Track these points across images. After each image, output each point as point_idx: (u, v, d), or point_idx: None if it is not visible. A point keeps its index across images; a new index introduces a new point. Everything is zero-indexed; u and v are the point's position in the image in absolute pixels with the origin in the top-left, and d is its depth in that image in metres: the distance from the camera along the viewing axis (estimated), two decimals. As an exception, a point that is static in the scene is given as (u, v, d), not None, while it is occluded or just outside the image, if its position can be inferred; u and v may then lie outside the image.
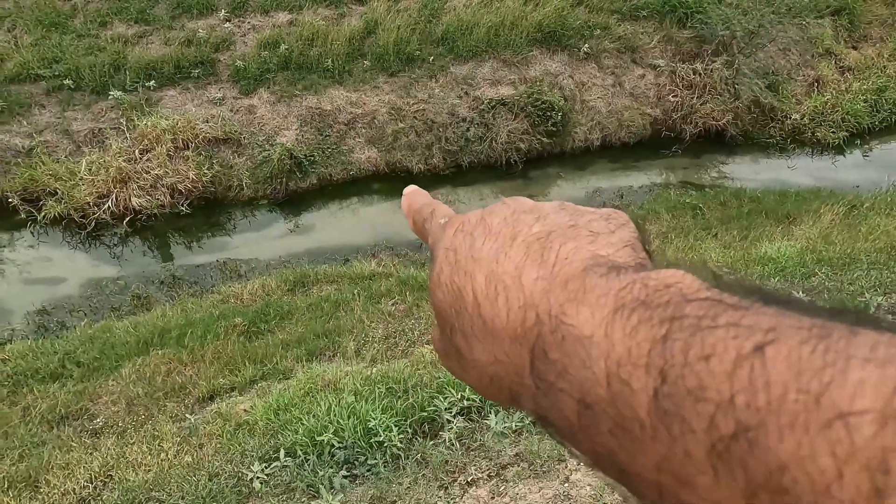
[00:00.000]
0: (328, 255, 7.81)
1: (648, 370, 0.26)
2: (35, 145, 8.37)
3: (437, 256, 0.39)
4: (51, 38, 9.21)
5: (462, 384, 2.96)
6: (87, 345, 5.91)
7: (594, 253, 0.33)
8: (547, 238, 0.34)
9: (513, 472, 2.18)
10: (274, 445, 2.98)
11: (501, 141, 9.47)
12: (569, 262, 0.33)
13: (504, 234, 0.36)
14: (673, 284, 0.28)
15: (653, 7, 10.89)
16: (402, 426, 2.68)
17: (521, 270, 0.34)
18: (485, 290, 0.34)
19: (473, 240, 0.37)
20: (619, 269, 0.31)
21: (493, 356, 0.34)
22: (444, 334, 0.38)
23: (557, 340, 0.30)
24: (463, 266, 0.36)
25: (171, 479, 2.99)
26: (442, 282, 0.37)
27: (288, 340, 5.72)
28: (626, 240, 0.35)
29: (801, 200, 8.11)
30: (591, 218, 0.36)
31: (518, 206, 0.39)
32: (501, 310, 0.33)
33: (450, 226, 0.41)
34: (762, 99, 10.33)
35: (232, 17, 10.00)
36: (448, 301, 0.36)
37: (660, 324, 0.26)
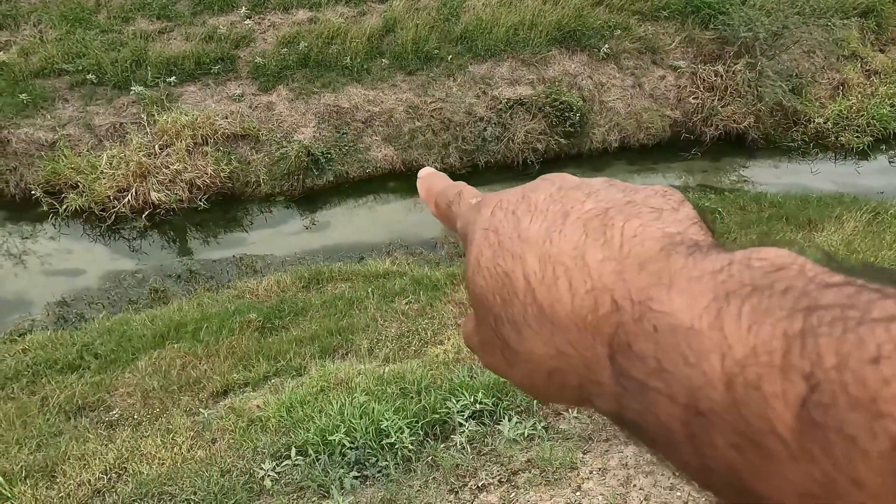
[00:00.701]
0: (343, 253, 7.83)
1: (786, 374, 0.22)
2: (58, 139, 8.50)
3: (472, 240, 0.36)
4: (75, 34, 9.34)
5: (475, 386, 2.95)
6: (105, 337, 6.00)
7: (664, 231, 0.29)
8: (605, 215, 0.31)
9: (524, 479, 2.17)
10: (286, 443, 2.99)
11: (518, 141, 9.43)
12: (639, 241, 0.29)
13: (553, 212, 0.33)
14: (786, 266, 0.24)
15: (674, 8, 10.75)
16: (413, 428, 2.68)
17: (583, 250, 0.30)
18: (539, 274, 0.31)
19: (517, 219, 0.34)
20: (700, 248, 0.28)
21: (555, 348, 0.30)
22: (486, 325, 0.34)
23: (646, 331, 0.26)
24: (508, 248, 0.33)
25: (183, 473, 3.02)
26: (483, 266, 0.34)
27: (301, 337, 5.75)
28: (691, 216, 0.31)
29: (822, 206, 7.97)
30: (647, 194, 0.33)
31: (563, 181, 0.36)
32: (564, 295, 0.30)
33: (485, 205, 0.37)
34: (785, 102, 10.16)
35: (252, 14, 10.07)
36: (492, 287, 0.33)
37: (789, 315, 0.22)
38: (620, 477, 2.06)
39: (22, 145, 8.48)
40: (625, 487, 1.99)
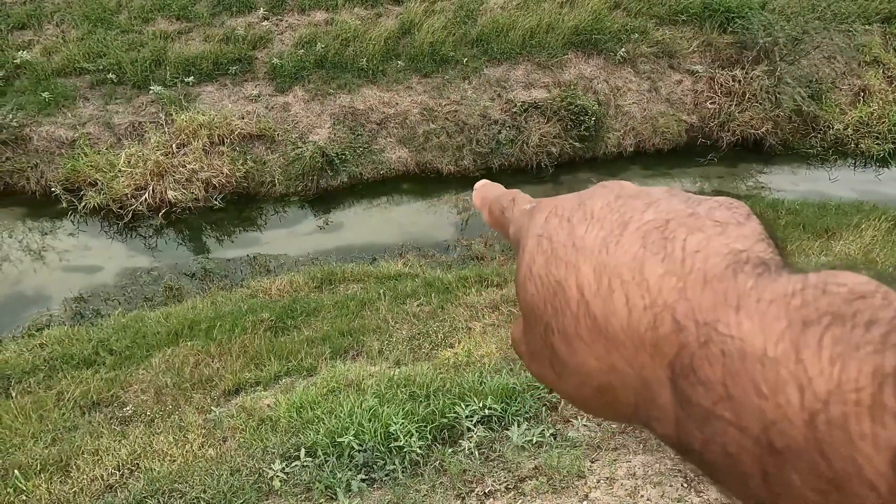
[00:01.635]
0: (356, 254, 7.86)
1: (877, 415, 0.20)
2: (78, 137, 8.62)
3: (525, 245, 0.35)
4: (96, 33, 9.48)
5: (484, 392, 2.95)
6: (120, 333, 6.07)
7: (730, 247, 0.28)
8: (666, 227, 0.29)
9: (531, 486, 2.16)
10: (295, 444, 3.01)
11: (533, 144, 9.41)
12: (702, 257, 0.27)
13: (611, 221, 0.31)
14: (868, 294, 0.22)
15: (693, 12, 10.67)
16: (422, 432, 2.68)
17: (642, 263, 0.29)
18: (594, 285, 0.30)
19: (573, 226, 0.32)
20: (769, 268, 0.26)
21: (608, 363, 0.29)
22: (535, 334, 0.33)
23: (713, 355, 0.25)
24: (562, 256, 0.32)
25: (194, 471, 3.05)
26: (535, 273, 0.33)
27: (313, 337, 5.78)
28: (758, 232, 0.29)
29: (841, 214, 7.86)
30: (711, 206, 0.31)
31: (621, 189, 0.34)
32: (620, 309, 0.28)
33: (539, 211, 0.36)
34: (804, 108, 10.05)
35: (270, 16, 10.15)
36: (543, 295, 0.32)
37: (879, 350, 0.21)
38: (628, 487, 2.05)
39: (43, 143, 8.62)
40: (632, 498, 1.97)
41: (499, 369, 3.47)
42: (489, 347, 4.55)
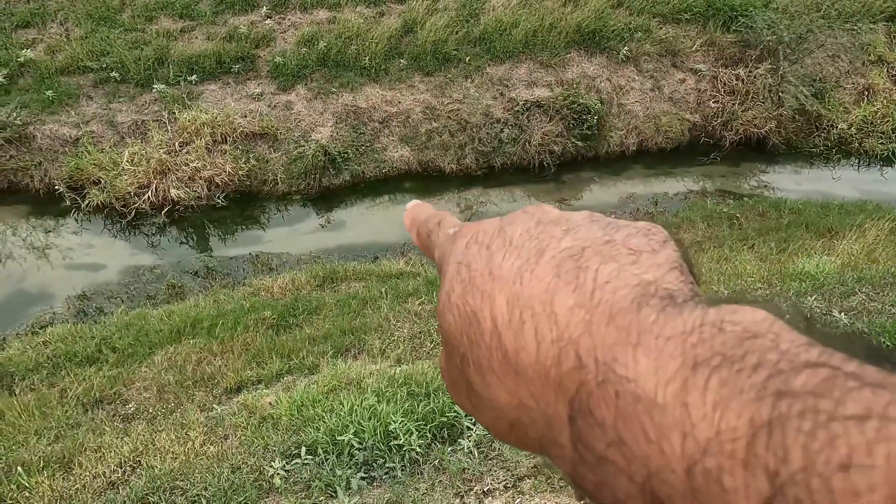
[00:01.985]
0: (358, 253, 7.88)
1: (750, 469, 0.19)
2: (82, 135, 8.65)
3: (446, 272, 0.34)
4: (99, 32, 9.50)
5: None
6: (123, 331, 6.10)
7: (640, 278, 0.27)
8: (581, 255, 0.29)
9: (529, 485, 2.17)
10: (296, 442, 3.02)
11: (535, 143, 9.40)
12: (612, 289, 0.27)
13: (528, 249, 0.30)
14: (760, 334, 0.22)
15: (696, 10, 10.65)
16: (422, 430, 2.69)
17: (553, 294, 0.28)
18: (507, 316, 0.29)
19: (491, 254, 0.31)
20: (675, 300, 0.25)
21: (517, 398, 0.28)
22: (453, 364, 0.32)
23: (608, 396, 0.24)
24: (479, 285, 0.30)
25: (195, 469, 3.06)
26: (452, 302, 0.31)
27: (315, 336, 5.79)
28: (671, 260, 0.28)
29: (844, 214, 7.84)
30: (629, 232, 0.30)
31: (542, 215, 0.33)
32: (529, 343, 0.27)
33: (461, 236, 0.35)
34: (808, 107, 10.02)
35: (273, 14, 10.17)
36: (459, 326, 0.31)
37: (758, 398, 0.20)
38: (627, 486, 2.04)
39: (46, 141, 8.65)
40: (630, 497, 1.98)
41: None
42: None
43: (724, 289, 4.64)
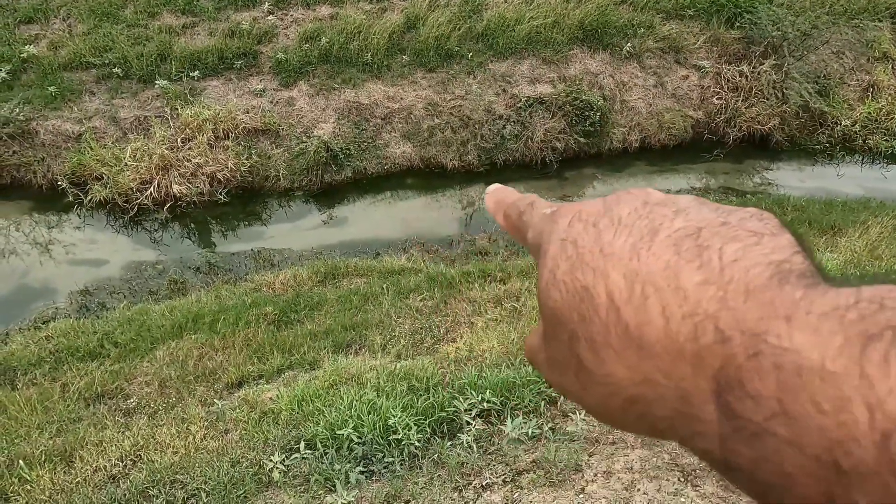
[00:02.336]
0: (359, 248, 7.88)
1: None
2: (84, 131, 8.66)
3: (547, 251, 0.33)
4: (102, 28, 9.51)
5: (483, 385, 2.96)
6: (125, 326, 6.11)
7: (769, 258, 0.27)
8: (698, 235, 0.28)
9: (528, 479, 2.17)
10: (295, 436, 3.03)
11: (537, 140, 9.38)
12: (742, 267, 0.26)
13: (640, 227, 0.30)
14: None
15: (700, 6, 10.61)
16: (421, 425, 2.69)
17: (677, 271, 0.27)
18: (626, 292, 0.28)
19: (599, 231, 0.31)
20: (815, 279, 0.25)
21: (641, 374, 0.28)
22: (559, 342, 0.32)
23: (764, 368, 0.24)
24: (588, 261, 0.30)
25: (195, 463, 3.07)
26: (559, 279, 0.31)
27: (316, 331, 5.80)
28: (793, 243, 0.28)
29: (848, 211, 7.81)
30: (742, 216, 0.30)
31: (648, 196, 0.33)
32: (655, 318, 0.27)
33: (561, 215, 0.35)
34: (812, 104, 9.97)
35: (275, 10, 10.16)
36: (568, 302, 0.30)
37: None
38: (625, 481, 2.05)
39: (49, 137, 8.66)
40: (629, 491, 1.97)
41: (499, 364, 3.47)
42: (491, 342, 4.55)
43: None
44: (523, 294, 6.21)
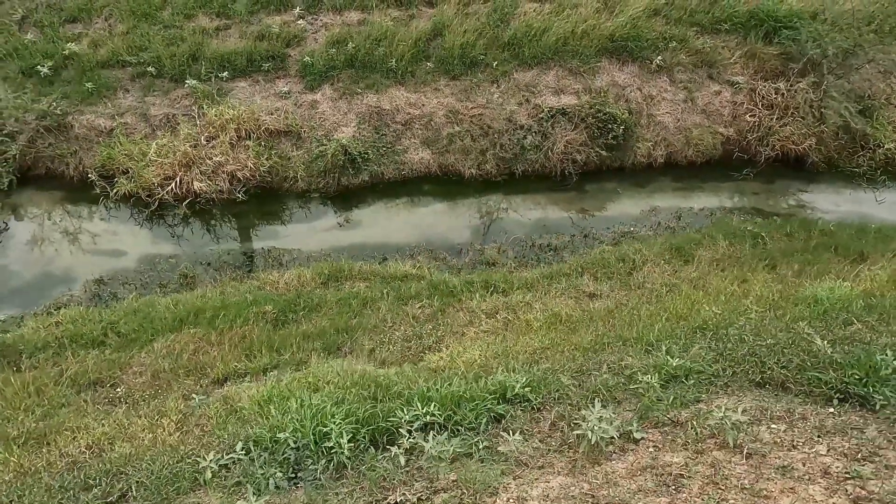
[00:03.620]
0: (368, 252, 7.89)
1: None
2: (116, 126, 8.99)
3: None
4: (140, 28, 9.87)
5: (432, 398, 2.88)
6: (130, 317, 6.27)
7: None
8: None
9: (441, 500, 2.08)
10: (245, 436, 3.02)
11: (558, 151, 9.23)
12: None
13: None
14: None
15: (737, 20, 10.26)
16: (358, 434, 2.64)
17: None
18: None
19: None
20: None
21: None
22: None
23: None
24: None
25: (148, 456, 3.09)
26: None
27: (309, 332, 5.82)
28: None
29: (881, 238, 7.38)
30: None
31: None
32: None
33: None
34: (853, 124, 9.50)
35: (306, 14, 10.34)
36: None
37: None
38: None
39: (83, 131, 9.03)
40: (540, 520, 1.88)
41: (466, 376, 3.39)
42: (473, 353, 4.46)
43: (725, 309, 4.41)
44: (522, 307, 6.09)
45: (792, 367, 2.89)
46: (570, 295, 6.46)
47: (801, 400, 2.66)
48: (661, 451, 2.33)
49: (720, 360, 3.15)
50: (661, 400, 2.71)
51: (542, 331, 4.98)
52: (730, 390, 2.86)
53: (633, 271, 6.93)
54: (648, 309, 5.11)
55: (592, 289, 6.52)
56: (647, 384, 2.82)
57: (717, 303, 4.88)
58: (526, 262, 7.72)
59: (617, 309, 5.37)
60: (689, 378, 2.97)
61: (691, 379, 2.96)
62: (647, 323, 4.45)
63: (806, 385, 2.74)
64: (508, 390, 2.95)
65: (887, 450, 2.20)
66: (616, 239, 8.11)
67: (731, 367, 3.08)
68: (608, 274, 6.87)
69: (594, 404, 2.52)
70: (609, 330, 4.51)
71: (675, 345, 3.64)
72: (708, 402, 2.73)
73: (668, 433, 2.47)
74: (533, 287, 6.70)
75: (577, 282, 6.72)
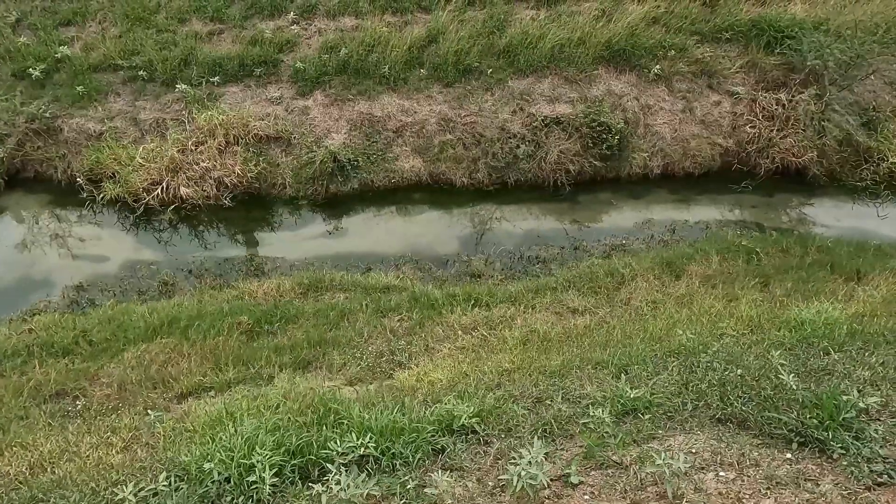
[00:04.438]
0: (353, 262, 7.75)
1: None
2: (106, 130, 8.93)
3: None
4: (134, 32, 9.82)
5: (369, 428, 2.71)
6: (104, 325, 6.16)
7: None
8: None
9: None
10: (179, 464, 2.87)
11: (551, 161, 9.05)
12: None
13: None
14: None
15: (738, 29, 10.05)
16: (285, 467, 2.49)
17: None
18: None
19: None
20: None
21: None
22: None
23: None
24: None
25: (76, 481, 2.95)
26: None
27: (282, 345, 5.68)
28: None
29: (880, 256, 7.13)
30: None
31: None
32: None
33: None
34: (856, 137, 9.25)
35: (300, 20, 10.25)
36: None
37: None
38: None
39: (72, 134, 8.98)
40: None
41: (410, 403, 3.22)
42: (439, 373, 4.29)
43: (702, 332, 4.20)
44: (502, 322, 5.91)
45: (754, 403, 2.69)
46: (553, 310, 6.28)
47: (760, 442, 2.45)
48: (597, 499, 2.15)
49: (684, 392, 2.96)
50: (612, 436, 2.52)
51: (515, 349, 4.80)
52: (688, 427, 2.67)
53: (621, 286, 6.73)
54: (627, 329, 4.91)
55: (577, 304, 6.33)
56: (598, 419, 2.64)
57: (698, 324, 4.67)
58: (513, 275, 7.54)
59: (596, 327, 5.18)
60: (646, 412, 2.78)
61: (648, 413, 2.77)
62: (623, 344, 4.26)
63: (766, 425, 2.54)
64: (455, 420, 2.78)
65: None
66: (607, 252, 7.91)
67: (694, 399, 2.88)
68: (595, 289, 6.68)
69: (533, 442, 2.35)
70: (582, 351, 4.32)
71: (644, 371, 3.45)
72: (662, 441, 2.54)
73: (611, 477, 2.28)
74: (517, 301, 6.52)
75: (562, 296, 6.53)
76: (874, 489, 2.09)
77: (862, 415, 2.52)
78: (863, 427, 2.44)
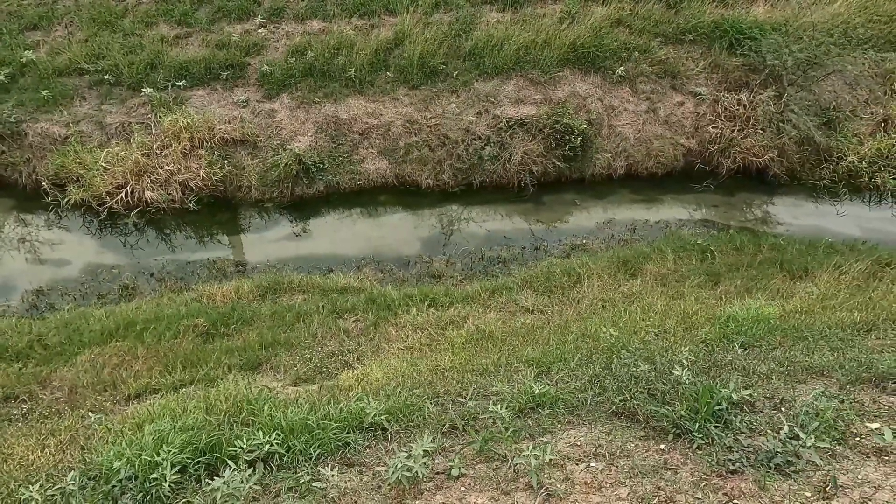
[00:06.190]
0: (315, 264, 7.82)
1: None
2: (71, 134, 8.94)
3: None
4: (100, 36, 9.84)
5: (276, 426, 2.79)
6: (60, 329, 6.19)
7: None
8: None
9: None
10: (92, 463, 2.93)
11: (515, 162, 9.16)
12: None
13: None
14: None
15: (701, 31, 10.20)
16: (190, 464, 2.56)
17: None
18: None
19: None
20: None
21: None
22: None
23: None
24: None
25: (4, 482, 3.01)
26: None
27: (233, 347, 5.74)
28: None
29: (830, 253, 7.27)
30: None
31: None
32: None
33: None
34: (816, 137, 9.41)
35: (268, 23, 10.30)
36: None
37: None
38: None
39: (37, 139, 8.98)
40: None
41: (318, 401, 3.29)
42: (377, 373, 4.37)
43: (624, 331, 4.31)
44: (453, 323, 6.00)
45: (644, 397, 2.79)
46: (508, 310, 6.37)
47: (644, 434, 2.56)
48: (470, 490, 2.24)
49: (589, 387, 3.06)
50: (508, 431, 2.61)
51: (458, 349, 4.89)
52: (586, 421, 2.77)
53: (576, 285, 6.84)
54: (569, 327, 5.01)
55: (531, 303, 6.43)
56: (496, 414, 2.73)
57: (631, 322, 4.78)
58: (473, 275, 7.63)
59: (540, 326, 5.28)
60: (546, 408, 2.87)
61: (548, 409, 2.86)
62: (557, 342, 4.36)
63: (651, 418, 2.64)
64: (365, 418, 2.87)
65: (686, 493, 2.10)
66: (567, 252, 8.02)
67: (598, 394, 2.99)
68: (550, 288, 6.78)
69: (423, 437, 2.44)
70: (517, 350, 4.42)
71: (565, 368, 3.55)
72: (555, 434, 2.64)
73: (492, 470, 2.37)
74: (473, 301, 6.61)
75: (517, 296, 6.63)
76: (726, 476, 2.19)
77: (735, 407, 2.62)
78: (731, 419, 2.54)
